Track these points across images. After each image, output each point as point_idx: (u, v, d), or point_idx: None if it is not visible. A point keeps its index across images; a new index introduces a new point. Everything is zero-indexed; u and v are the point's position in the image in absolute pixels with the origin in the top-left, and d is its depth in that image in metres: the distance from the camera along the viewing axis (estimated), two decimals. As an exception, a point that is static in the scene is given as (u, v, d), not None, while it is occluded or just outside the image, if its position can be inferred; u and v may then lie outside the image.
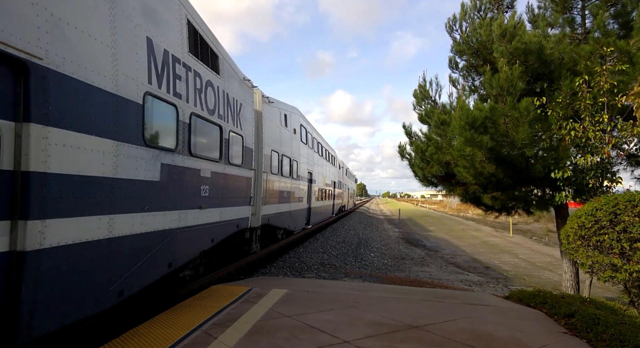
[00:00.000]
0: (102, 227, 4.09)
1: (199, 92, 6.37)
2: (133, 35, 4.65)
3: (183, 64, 5.85)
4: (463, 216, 54.54)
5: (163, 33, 5.33)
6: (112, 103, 4.25)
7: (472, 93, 10.05)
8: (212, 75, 6.96)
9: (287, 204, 13.37)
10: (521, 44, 7.79)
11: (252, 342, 4.00)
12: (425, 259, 17.65)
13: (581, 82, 7.46)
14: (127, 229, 4.53)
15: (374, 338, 4.25)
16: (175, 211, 5.64)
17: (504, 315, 5.52)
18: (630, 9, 8.37)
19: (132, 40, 4.62)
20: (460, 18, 9.53)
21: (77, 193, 3.77)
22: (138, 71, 4.73)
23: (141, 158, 4.78)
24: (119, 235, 4.37)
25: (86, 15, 3.91)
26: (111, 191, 4.24)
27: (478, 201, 9.69)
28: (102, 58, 4.10)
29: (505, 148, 7.90)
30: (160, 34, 5.24)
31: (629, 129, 7.06)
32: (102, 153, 4.10)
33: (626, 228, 5.60)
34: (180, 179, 5.75)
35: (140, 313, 5.32)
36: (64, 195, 3.61)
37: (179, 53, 5.73)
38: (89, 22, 3.93)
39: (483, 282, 13.42)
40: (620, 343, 4.34)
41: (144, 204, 4.84)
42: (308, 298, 5.91)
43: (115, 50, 4.32)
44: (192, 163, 6.12)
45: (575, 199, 8.17)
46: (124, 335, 4.15)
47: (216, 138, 7.15)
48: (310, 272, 11.09)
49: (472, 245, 25.23)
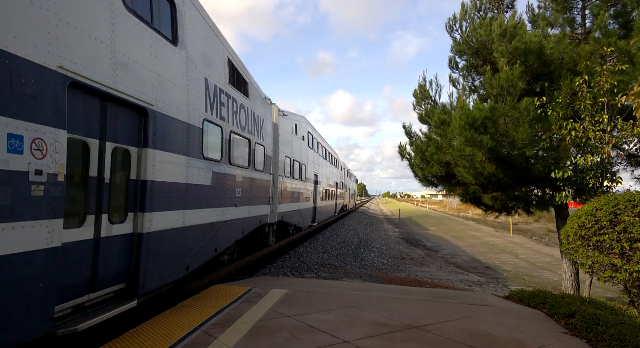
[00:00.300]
0: (179, 219, 5.67)
1: (235, 113, 7.99)
2: (197, 78, 6.26)
3: (225, 93, 7.47)
4: (463, 216, 54.55)
5: (213, 72, 6.95)
6: (185, 129, 5.82)
7: (472, 93, 10.05)
8: (244, 98, 8.57)
9: (297, 203, 15.01)
10: (521, 43, 7.78)
11: (252, 342, 4.00)
12: (425, 259, 17.65)
13: (581, 82, 7.46)
14: (192, 221, 6.08)
15: (374, 338, 4.25)
16: (220, 208, 7.20)
17: (504, 315, 5.52)
18: (631, 9, 8.37)
19: (196, 82, 6.23)
20: (460, 18, 9.52)
21: (168, 194, 5.34)
22: (200, 104, 6.33)
23: (201, 168, 6.37)
24: (187, 225, 5.93)
25: (175, 70, 5.57)
26: (185, 193, 5.83)
27: (478, 201, 9.68)
28: (180, 98, 5.70)
29: (505, 148, 7.90)
30: (212, 73, 6.85)
31: (629, 129, 7.05)
32: (180, 165, 5.67)
33: (626, 228, 5.60)
34: (223, 183, 7.30)
35: (140, 314, 5.32)
36: (161, 196, 5.17)
37: (222, 85, 7.35)
38: (175, 74, 5.58)
39: (483, 282, 13.42)
40: (620, 343, 4.34)
41: (201, 202, 6.38)
42: (308, 298, 5.91)
43: (188, 91, 5.92)
44: (231, 170, 7.71)
45: (575, 199, 8.17)
46: (124, 335, 4.16)
47: (246, 149, 8.71)
48: (310, 272, 11.09)
49: (472, 244, 25.23)
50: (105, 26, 4.18)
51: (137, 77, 4.67)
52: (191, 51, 6.06)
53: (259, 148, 9.63)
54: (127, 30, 4.54)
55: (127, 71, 4.50)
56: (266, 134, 10.33)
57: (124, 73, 4.44)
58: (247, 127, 8.69)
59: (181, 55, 5.74)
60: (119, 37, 4.37)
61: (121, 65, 4.40)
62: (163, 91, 5.21)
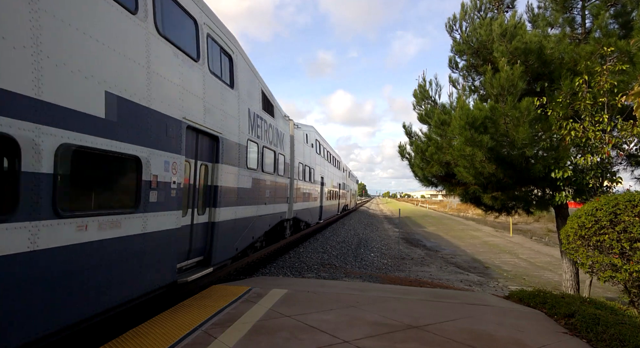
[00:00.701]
0: (233, 213, 7.73)
1: (265, 132, 10.08)
2: (244, 109, 8.28)
3: (259, 117, 9.48)
4: (463, 216, 54.54)
5: (253, 102, 8.94)
6: (237, 148, 7.82)
7: (472, 93, 10.04)
8: (271, 119, 10.76)
9: (307, 202, 17.62)
10: (521, 43, 7.78)
11: (252, 342, 4.00)
12: (425, 259, 17.64)
13: (581, 82, 7.46)
14: (240, 215, 8.19)
15: (374, 338, 4.25)
16: (255, 205, 9.24)
17: (504, 315, 5.52)
18: (630, 9, 8.37)
19: (243, 113, 8.24)
20: (460, 18, 9.52)
21: (228, 195, 7.36)
22: (245, 128, 8.33)
23: (245, 175, 8.37)
24: (237, 218, 8.00)
25: (232, 106, 7.54)
26: (236, 194, 7.85)
27: (478, 201, 9.68)
28: (235, 126, 7.68)
29: (505, 147, 7.90)
30: (252, 103, 8.84)
31: (629, 129, 7.05)
32: (234, 174, 7.71)
33: (626, 228, 5.60)
34: (257, 186, 9.37)
35: (140, 314, 5.32)
36: (224, 196, 7.19)
37: (258, 111, 9.36)
38: (232, 109, 7.56)
39: (483, 282, 13.42)
40: (620, 343, 4.34)
41: (245, 201, 8.44)
42: (308, 298, 5.91)
43: (239, 120, 7.93)
44: (263, 176, 9.82)
45: (575, 199, 8.17)
46: (124, 335, 4.15)
47: (272, 158, 10.85)
48: (310, 272, 11.09)
49: (472, 244, 25.22)
50: (201, 88, 6.25)
51: (214, 115, 6.68)
52: (241, 90, 8.15)
53: (281, 157, 11.91)
54: (210, 87, 6.59)
55: (209, 112, 6.52)
56: (285, 145, 12.73)
57: (208, 114, 6.48)
58: (273, 141, 10.96)
59: (235, 95, 7.79)
60: (207, 93, 6.47)
61: (208, 110, 6.46)
62: (226, 122, 7.22)
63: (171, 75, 5.35)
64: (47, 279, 3.37)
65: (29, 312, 3.23)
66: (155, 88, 4.95)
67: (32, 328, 3.25)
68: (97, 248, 3.96)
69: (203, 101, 6.27)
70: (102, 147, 3.99)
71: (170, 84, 5.29)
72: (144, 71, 4.76)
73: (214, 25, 6.87)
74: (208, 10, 6.65)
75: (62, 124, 3.49)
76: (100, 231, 4.00)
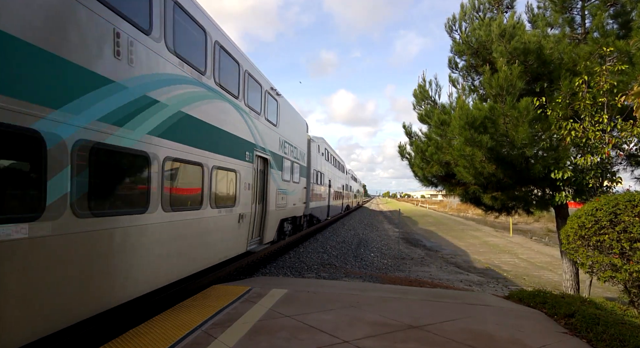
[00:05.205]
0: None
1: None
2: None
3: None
4: (463, 216, 54.53)
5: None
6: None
7: (471, 93, 10.04)
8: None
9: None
10: (520, 43, 7.77)
11: (252, 342, 4.00)
12: (425, 259, 17.64)
13: (581, 82, 7.45)
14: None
15: (374, 338, 4.25)
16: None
17: (504, 315, 5.53)
18: (630, 9, 8.36)
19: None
20: (459, 18, 9.52)
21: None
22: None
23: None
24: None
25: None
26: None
27: (478, 201, 9.68)
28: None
29: (505, 147, 7.89)
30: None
31: (629, 129, 7.05)
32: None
33: (626, 228, 5.60)
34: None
35: (140, 314, 5.32)
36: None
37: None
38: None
39: (483, 282, 13.42)
40: (620, 343, 4.34)
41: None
42: (308, 298, 5.92)
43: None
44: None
45: (575, 199, 8.17)
46: (124, 335, 4.15)
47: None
48: (310, 272, 11.09)
49: (472, 244, 25.23)
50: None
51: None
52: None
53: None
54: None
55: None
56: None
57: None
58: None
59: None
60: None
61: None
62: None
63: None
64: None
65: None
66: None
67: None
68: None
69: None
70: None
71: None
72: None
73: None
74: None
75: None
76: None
